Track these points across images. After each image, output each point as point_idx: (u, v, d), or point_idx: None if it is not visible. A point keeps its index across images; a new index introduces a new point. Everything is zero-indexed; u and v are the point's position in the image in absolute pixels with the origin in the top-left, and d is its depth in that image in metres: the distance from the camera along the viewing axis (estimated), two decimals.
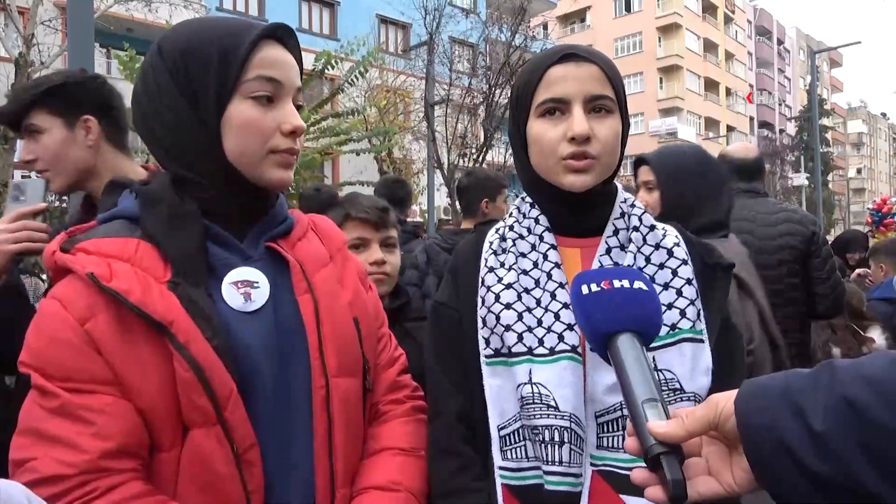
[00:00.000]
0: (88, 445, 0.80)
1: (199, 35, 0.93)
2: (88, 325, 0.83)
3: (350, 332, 1.01)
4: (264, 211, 1.00)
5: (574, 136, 1.02)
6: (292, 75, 0.96)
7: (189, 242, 0.90)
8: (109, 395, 0.83)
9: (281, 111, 0.94)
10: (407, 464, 1.04)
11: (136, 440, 0.83)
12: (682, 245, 1.10)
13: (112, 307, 0.83)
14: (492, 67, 15.89)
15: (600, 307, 0.74)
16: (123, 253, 0.88)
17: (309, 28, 22.20)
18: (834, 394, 0.57)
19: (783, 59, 55.48)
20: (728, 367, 1.04)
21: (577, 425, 0.98)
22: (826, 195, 34.11)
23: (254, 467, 0.87)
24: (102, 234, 0.92)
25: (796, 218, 2.67)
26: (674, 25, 40.97)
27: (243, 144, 0.92)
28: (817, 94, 22.58)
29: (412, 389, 1.16)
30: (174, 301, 0.85)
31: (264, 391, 0.91)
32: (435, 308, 1.18)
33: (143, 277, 0.86)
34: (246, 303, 0.92)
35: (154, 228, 0.91)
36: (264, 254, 0.98)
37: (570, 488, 0.98)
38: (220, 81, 0.90)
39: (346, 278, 1.07)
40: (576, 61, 1.05)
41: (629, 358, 0.69)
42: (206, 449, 0.84)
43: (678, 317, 1.02)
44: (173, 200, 0.93)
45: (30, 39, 9.72)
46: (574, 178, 1.04)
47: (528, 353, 1.01)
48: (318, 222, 1.13)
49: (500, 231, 1.15)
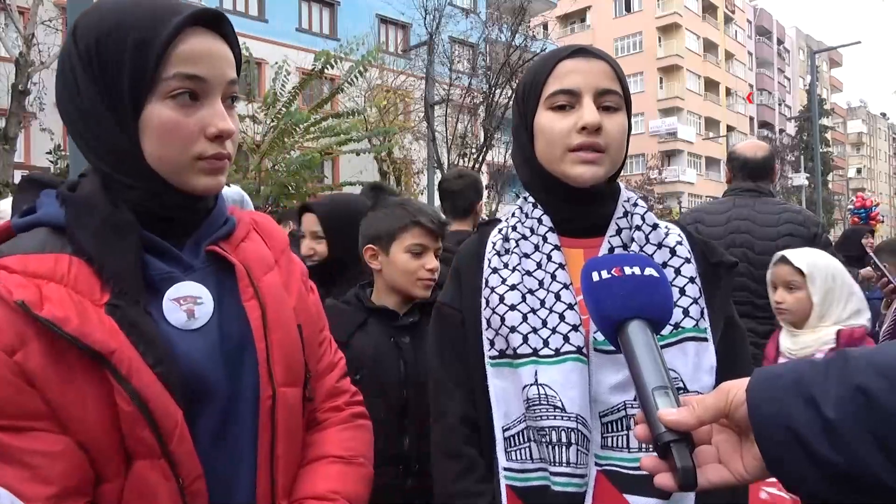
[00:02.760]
0: (30, 493, 0.72)
1: (116, 19, 0.81)
2: (18, 356, 0.74)
3: (295, 340, 0.95)
4: (202, 214, 0.92)
5: (585, 125, 1.02)
6: (221, 68, 0.85)
7: (126, 258, 0.81)
8: (46, 430, 0.75)
9: (207, 111, 0.84)
10: (344, 472, 1.00)
11: (80, 478, 0.76)
12: (684, 244, 1.10)
13: (44, 335, 0.74)
14: (492, 67, 15.90)
15: (611, 294, 0.74)
16: (55, 273, 0.78)
17: (309, 28, 22.19)
18: (846, 382, 0.56)
19: (783, 59, 55.48)
20: (732, 366, 1.03)
21: (583, 426, 0.98)
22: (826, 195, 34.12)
23: (199, 498, 0.82)
24: (26, 247, 0.80)
25: (799, 219, 2.66)
26: (674, 25, 40.96)
27: (163, 150, 0.83)
28: (817, 94, 22.60)
29: (351, 395, 1.12)
30: (114, 327, 0.77)
31: (212, 411, 0.85)
32: (438, 309, 1.18)
33: (78, 301, 0.77)
34: (189, 320, 0.85)
35: (87, 242, 0.81)
36: (206, 260, 0.90)
37: (576, 489, 0.98)
38: (136, 78, 0.80)
39: (291, 282, 1.01)
40: (586, 56, 1.06)
41: (640, 345, 0.69)
42: (150, 482, 0.78)
43: (681, 316, 1.02)
44: (106, 208, 0.83)
45: (30, 39, 9.72)
46: (583, 170, 1.04)
47: (534, 355, 1.01)
48: (260, 221, 1.05)
49: (503, 231, 1.15)
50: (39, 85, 11.19)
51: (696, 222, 2.76)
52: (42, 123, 12.72)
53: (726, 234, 2.68)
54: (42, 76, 11.07)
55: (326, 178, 16.20)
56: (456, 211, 2.94)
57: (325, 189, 12.25)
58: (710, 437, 0.66)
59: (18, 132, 10.11)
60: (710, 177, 41.68)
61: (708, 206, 2.96)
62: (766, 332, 2.31)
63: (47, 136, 12.42)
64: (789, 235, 2.60)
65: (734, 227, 2.69)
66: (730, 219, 2.71)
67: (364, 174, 11.43)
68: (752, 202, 2.73)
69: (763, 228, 2.65)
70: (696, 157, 42.18)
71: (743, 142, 3.07)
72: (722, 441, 0.65)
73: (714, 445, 0.66)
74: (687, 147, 40.89)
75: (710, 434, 0.66)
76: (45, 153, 12.01)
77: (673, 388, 0.65)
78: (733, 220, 2.70)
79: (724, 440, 0.65)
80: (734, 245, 2.64)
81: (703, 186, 40.03)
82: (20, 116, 9.93)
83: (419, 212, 1.69)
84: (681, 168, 39.11)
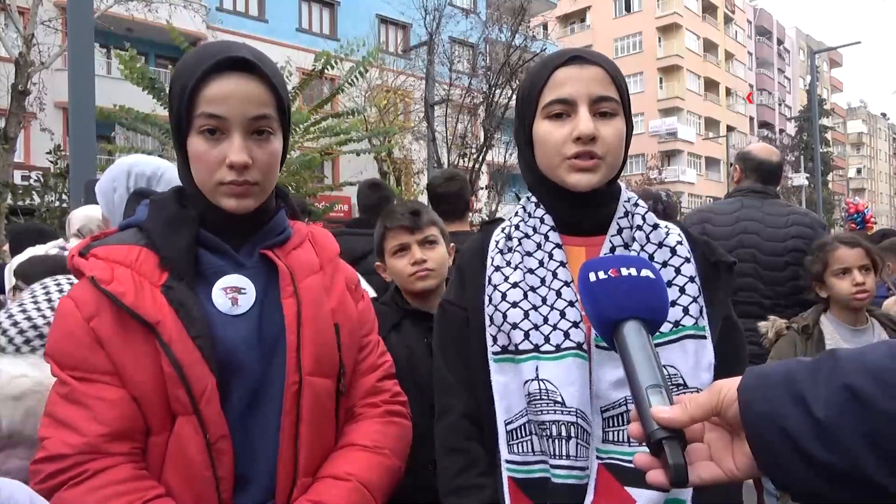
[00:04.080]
0: (87, 429, 0.92)
1: (181, 66, 1.03)
2: (94, 322, 0.95)
3: (329, 337, 1.08)
4: (259, 224, 1.09)
5: (580, 135, 1.04)
6: (243, 108, 1.00)
7: (182, 246, 1.01)
8: (108, 383, 0.94)
9: (226, 145, 1.00)
10: (366, 459, 1.09)
11: (130, 425, 0.94)
12: (684, 243, 1.11)
13: (113, 307, 0.95)
14: (492, 67, 15.91)
15: (607, 295, 0.75)
16: (127, 259, 1.00)
17: (309, 28, 22.21)
18: (835, 382, 0.57)
19: (783, 59, 55.52)
20: (731, 364, 1.05)
21: (583, 420, 1.00)
22: (826, 195, 34.14)
23: (224, 455, 0.96)
24: (115, 241, 1.04)
25: (806, 221, 2.67)
26: (674, 25, 40.99)
27: (198, 175, 1.03)
28: (817, 94, 22.61)
29: (392, 395, 1.21)
30: (164, 303, 0.96)
31: (243, 386, 1.00)
32: (442, 306, 1.20)
33: (139, 281, 0.97)
34: (233, 307, 1.02)
35: (154, 233, 1.03)
36: (258, 262, 1.07)
37: (577, 481, 0.99)
38: (179, 116, 1.01)
39: (334, 287, 1.14)
40: (580, 64, 1.07)
41: (635, 345, 0.70)
42: (185, 435, 0.95)
43: (681, 314, 1.04)
44: (173, 208, 1.05)
45: (30, 39, 9.73)
46: (579, 178, 1.06)
47: (535, 351, 1.03)
48: (317, 234, 1.21)
49: (506, 230, 1.17)
50: (39, 85, 11.20)
51: (703, 222, 2.76)
52: (42, 123, 12.73)
53: (735, 234, 2.68)
54: (42, 76, 11.08)
55: (326, 178, 16.21)
56: (456, 213, 2.93)
57: (325, 189, 12.27)
58: (703, 435, 0.67)
59: (18, 132, 10.12)
60: (710, 177, 41.75)
61: (715, 206, 2.96)
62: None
63: (47, 136, 12.42)
64: (797, 237, 2.62)
65: (742, 228, 2.69)
66: (738, 219, 2.71)
67: (364, 174, 11.43)
68: (759, 203, 2.74)
69: (771, 230, 2.65)
70: (696, 158, 42.21)
71: (755, 144, 3.08)
72: (714, 439, 0.66)
73: (706, 443, 0.67)
74: (687, 147, 40.93)
75: (703, 432, 0.67)
76: (45, 153, 12.02)
77: (667, 386, 0.66)
78: (742, 220, 2.70)
79: (716, 438, 0.66)
80: (743, 245, 2.64)
81: (703, 186, 40.08)
82: (20, 116, 9.94)
83: (388, 216, 1.75)
84: (681, 168, 39.14)
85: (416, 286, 1.68)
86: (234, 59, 0.99)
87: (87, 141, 4.02)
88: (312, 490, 1.03)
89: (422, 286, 1.67)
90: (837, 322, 2.18)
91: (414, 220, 1.71)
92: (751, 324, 2.56)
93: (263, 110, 1.01)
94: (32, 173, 12.37)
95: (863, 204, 5.25)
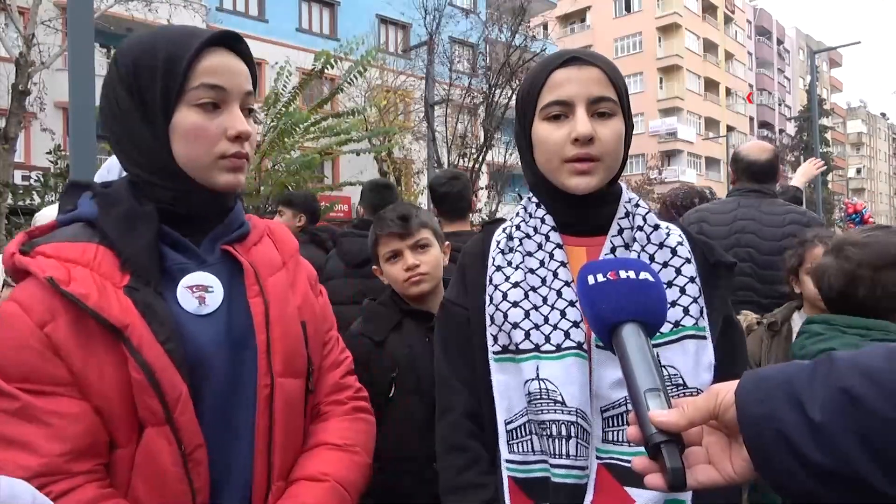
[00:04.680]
0: (45, 448, 0.82)
1: (149, 45, 0.96)
2: (48, 328, 0.85)
3: (297, 335, 1.04)
4: (221, 216, 1.04)
5: (578, 137, 1.04)
6: (239, 81, 0.98)
7: (143, 244, 0.93)
8: (67, 395, 0.85)
9: (227, 116, 0.97)
10: (338, 458, 1.07)
11: (94, 440, 0.86)
12: (685, 244, 1.11)
13: (71, 311, 0.86)
14: (492, 67, 15.91)
15: (606, 297, 0.75)
16: (83, 258, 0.91)
17: (309, 28, 22.21)
18: (832, 385, 0.58)
19: (783, 59, 55.51)
20: (730, 364, 1.05)
21: (583, 420, 1.00)
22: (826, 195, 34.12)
23: (200, 466, 0.91)
24: (62, 237, 0.94)
25: (804, 220, 2.66)
26: (674, 25, 40.97)
27: (191, 150, 0.96)
28: (817, 94, 22.60)
29: (355, 391, 1.19)
30: (129, 305, 0.88)
31: (214, 391, 0.94)
32: (444, 306, 1.21)
33: (100, 282, 0.89)
34: (200, 306, 0.96)
35: (111, 231, 0.94)
36: (220, 258, 1.01)
37: (576, 480, 1.00)
38: (166, 90, 0.94)
39: (297, 283, 1.10)
40: (578, 65, 1.07)
41: (633, 348, 0.70)
42: (156, 447, 0.88)
43: (681, 314, 1.04)
44: (129, 202, 0.96)
45: (30, 39, 9.72)
46: (578, 181, 1.06)
47: (535, 350, 1.03)
48: (274, 228, 1.16)
49: (507, 230, 1.17)
50: (39, 85, 11.19)
51: (700, 221, 2.76)
52: (42, 123, 12.72)
53: (731, 233, 2.68)
54: (42, 76, 11.07)
55: (326, 178, 16.21)
56: (458, 212, 2.92)
57: (325, 189, 12.27)
58: (701, 439, 0.67)
59: (18, 132, 10.11)
60: (710, 177, 41.71)
61: (712, 205, 2.95)
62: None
63: (47, 136, 12.42)
64: (794, 236, 2.60)
65: (739, 228, 2.69)
66: (735, 218, 2.71)
67: (364, 174, 11.43)
68: (757, 202, 2.73)
69: (768, 229, 2.65)
70: (696, 157, 42.21)
71: (747, 143, 3.06)
72: (712, 442, 0.66)
73: (704, 447, 0.67)
74: (687, 147, 40.93)
75: (701, 435, 0.67)
76: (45, 153, 12.02)
77: (665, 390, 0.66)
78: (738, 220, 2.70)
79: (714, 441, 0.66)
80: (739, 245, 2.64)
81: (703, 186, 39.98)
82: (20, 116, 9.92)
83: (379, 222, 1.75)
84: (681, 168, 39.11)
85: (411, 291, 1.69)
86: (226, 33, 0.98)
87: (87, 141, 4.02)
88: (290, 493, 1.00)
89: (416, 291, 1.68)
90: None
91: (404, 226, 1.71)
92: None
93: (250, 86, 1.00)
94: (33, 173, 12.38)
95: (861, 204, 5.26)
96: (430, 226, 1.77)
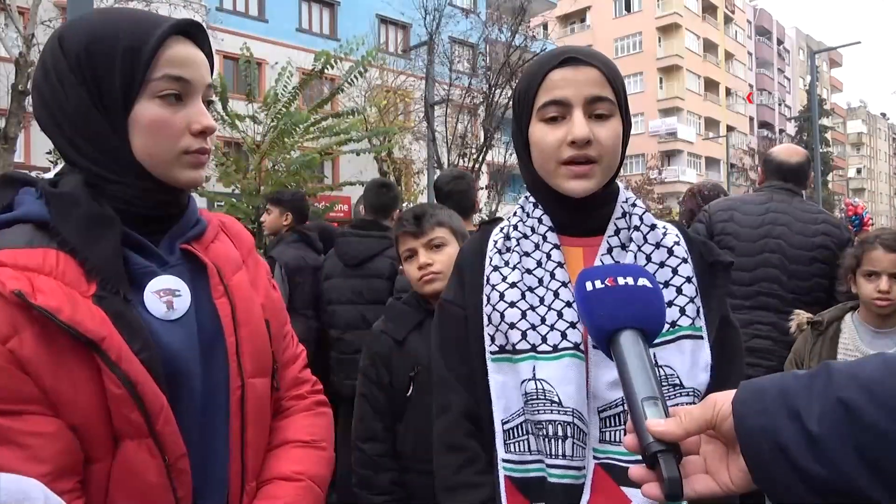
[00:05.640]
0: (23, 471, 0.75)
1: (104, 29, 0.89)
2: (11, 343, 0.78)
3: (263, 334, 1.03)
4: (177, 213, 0.99)
5: (574, 139, 1.03)
6: (202, 73, 0.94)
7: (108, 250, 0.87)
8: (39, 413, 0.79)
9: (191, 110, 0.93)
10: (308, 455, 1.07)
11: (72, 458, 0.81)
12: (682, 243, 1.11)
13: (36, 324, 0.79)
14: (492, 67, 15.91)
15: (604, 304, 0.75)
16: (44, 266, 0.82)
17: (309, 28, 22.20)
18: (829, 396, 0.57)
19: (783, 59, 55.48)
20: (727, 364, 1.05)
21: (579, 420, 1.00)
22: (826, 195, 34.11)
23: (183, 475, 0.88)
24: (13, 243, 0.83)
25: (834, 222, 2.74)
26: (674, 25, 40.96)
27: (152, 145, 0.90)
28: (817, 94, 22.60)
29: (312, 384, 1.18)
30: (103, 316, 0.82)
31: (191, 397, 0.91)
32: (441, 306, 1.21)
33: (69, 293, 0.81)
34: (168, 311, 0.91)
35: (71, 236, 0.85)
36: (180, 258, 0.96)
37: (573, 481, 1.00)
38: (126, 80, 0.88)
39: (258, 281, 1.08)
40: (575, 65, 1.05)
41: (631, 355, 0.70)
42: (137, 460, 0.84)
43: (678, 314, 1.04)
44: (89, 204, 0.88)
45: (30, 39, 9.71)
46: (575, 185, 1.06)
47: (532, 351, 1.03)
48: (227, 223, 1.12)
49: (505, 230, 1.17)
50: None
51: (730, 209, 2.78)
52: None
53: (763, 224, 2.69)
54: None
55: (326, 178, 16.20)
56: (461, 212, 2.93)
57: (325, 189, 12.26)
58: (699, 448, 0.67)
59: (18, 132, 10.11)
60: (710, 177, 41.65)
61: (744, 196, 2.97)
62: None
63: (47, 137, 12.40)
64: (825, 235, 2.65)
65: (772, 220, 2.71)
66: (767, 210, 2.73)
67: (364, 174, 11.41)
68: (789, 199, 2.77)
69: (800, 224, 2.68)
70: (696, 158, 42.20)
71: (780, 145, 3.12)
72: (709, 452, 0.66)
73: (702, 456, 0.67)
74: (687, 147, 40.92)
75: (699, 445, 0.67)
76: (44, 153, 12.01)
77: (663, 398, 0.66)
78: (771, 212, 2.73)
79: (711, 451, 0.66)
80: (771, 236, 2.66)
81: None
82: (20, 116, 9.92)
83: (397, 222, 1.79)
84: (681, 168, 39.12)
85: (425, 290, 1.70)
86: (189, 22, 0.93)
87: None
88: (268, 494, 0.99)
89: (430, 289, 1.69)
90: (861, 322, 2.13)
91: (417, 225, 1.73)
92: (769, 317, 2.59)
93: (210, 78, 0.96)
94: (32, 173, 12.34)
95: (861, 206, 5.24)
96: (448, 224, 1.77)
